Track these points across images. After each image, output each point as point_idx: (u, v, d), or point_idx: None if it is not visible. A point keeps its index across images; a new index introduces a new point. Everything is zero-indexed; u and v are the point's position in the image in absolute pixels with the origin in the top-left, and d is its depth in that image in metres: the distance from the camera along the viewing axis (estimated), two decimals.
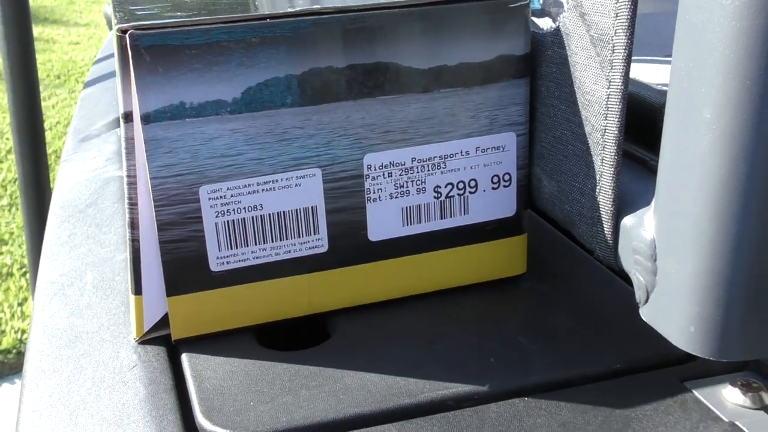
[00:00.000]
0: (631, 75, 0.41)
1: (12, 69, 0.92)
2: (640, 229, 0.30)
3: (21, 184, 0.98)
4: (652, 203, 0.29)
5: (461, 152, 0.36)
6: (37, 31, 3.22)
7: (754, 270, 0.26)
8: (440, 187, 0.36)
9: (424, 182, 0.36)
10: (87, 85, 0.81)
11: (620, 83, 0.30)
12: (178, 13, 0.32)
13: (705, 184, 0.26)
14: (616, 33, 0.30)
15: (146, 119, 0.31)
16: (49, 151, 1.96)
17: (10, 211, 1.85)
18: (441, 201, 0.36)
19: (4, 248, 1.69)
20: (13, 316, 1.45)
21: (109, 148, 0.61)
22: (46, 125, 2.29)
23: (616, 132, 0.31)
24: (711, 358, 0.27)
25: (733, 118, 0.24)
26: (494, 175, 0.37)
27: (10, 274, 1.59)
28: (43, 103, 2.44)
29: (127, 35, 0.30)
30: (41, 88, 2.54)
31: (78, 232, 0.47)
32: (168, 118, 0.32)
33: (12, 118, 0.94)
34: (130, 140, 0.32)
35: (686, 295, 0.27)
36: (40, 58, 2.84)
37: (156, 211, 0.33)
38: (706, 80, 0.25)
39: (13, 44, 0.90)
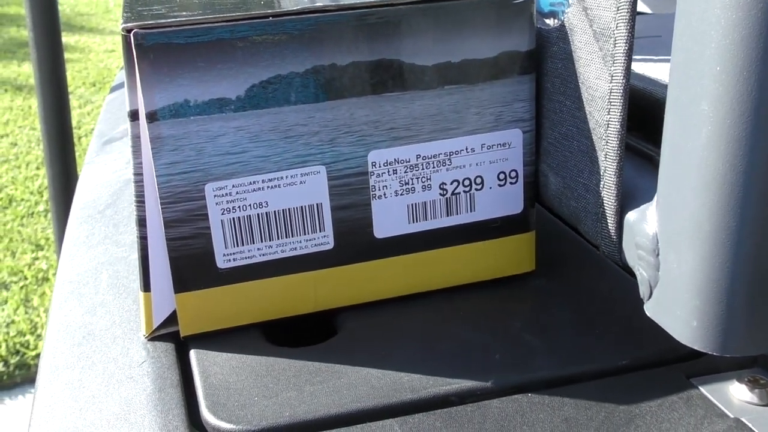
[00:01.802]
0: (651, 72, 0.41)
1: (41, 76, 0.94)
2: (643, 224, 0.30)
3: (51, 191, 1.00)
4: (655, 198, 0.29)
5: (467, 149, 0.36)
6: (73, 39, 3.28)
7: (754, 264, 0.25)
8: (446, 184, 0.36)
9: (430, 179, 0.36)
10: (113, 89, 0.83)
11: (622, 77, 0.30)
12: (184, 13, 0.32)
13: (703, 178, 0.25)
14: (617, 27, 0.30)
15: (151, 117, 0.32)
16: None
17: (46, 217, 1.89)
18: (447, 198, 0.36)
19: (40, 253, 1.72)
20: None
21: (130, 150, 0.61)
22: (81, 132, 2.33)
23: (618, 127, 0.31)
24: (714, 353, 0.27)
25: (730, 110, 0.24)
26: (500, 172, 0.37)
27: (46, 279, 1.62)
28: (78, 111, 2.49)
29: (131, 34, 0.31)
30: (77, 96, 2.59)
31: (96, 232, 0.48)
32: (173, 116, 0.32)
33: (41, 124, 0.96)
34: (136, 138, 0.33)
35: (688, 290, 0.27)
36: (76, 66, 2.89)
37: (162, 209, 0.33)
38: (704, 72, 0.25)
39: (43, 51, 0.92)
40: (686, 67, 0.25)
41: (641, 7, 0.78)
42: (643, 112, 0.36)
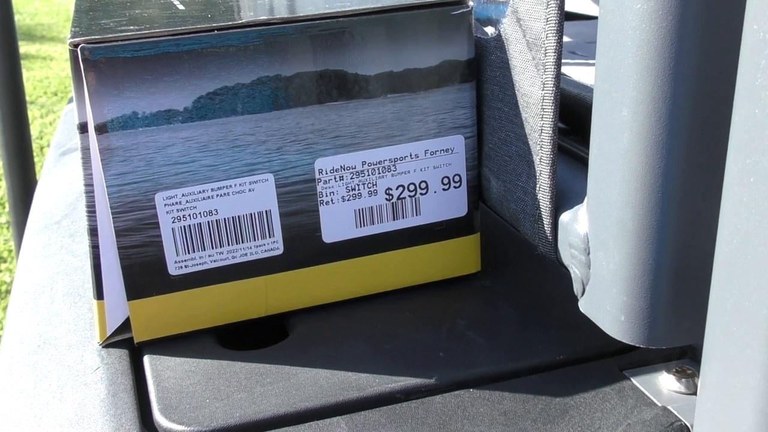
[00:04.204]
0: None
1: None
2: (575, 224, 0.31)
3: (10, 202, 0.99)
4: (585, 199, 0.30)
5: (411, 155, 0.37)
6: (34, 48, 3.25)
7: (675, 260, 0.27)
8: (391, 189, 0.37)
9: (376, 185, 0.37)
10: (71, 100, 0.83)
11: (552, 85, 0.32)
12: (132, 27, 0.33)
13: (625, 180, 0.27)
14: (547, 37, 0.31)
15: (100, 129, 0.33)
16: None
17: (8, 229, 1.87)
18: (393, 203, 0.38)
19: (3, 266, 1.70)
20: None
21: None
22: (44, 143, 2.31)
23: (550, 132, 0.32)
24: (641, 346, 0.29)
25: (647, 116, 0.26)
26: (444, 177, 0.38)
27: (9, 292, 1.60)
28: (40, 121, 2.47)
29: (78, 49, 0.32)
30: (39, 105, 2.57)
31: (53, 242, 0.49)
32: (121, 127, 0.33)
33: (0, 135, 0.95)
34: (86, 150, 0.33)
35: (615, 286, 0.28)
36: (37, 75, 2.87)
37: (114, 218, 0.34)
38: (623, 80, 0.26)
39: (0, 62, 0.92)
40: (608, 75, 0.27)
41: (596, 10, 0.80)
42: (580, 117, 0.37)
